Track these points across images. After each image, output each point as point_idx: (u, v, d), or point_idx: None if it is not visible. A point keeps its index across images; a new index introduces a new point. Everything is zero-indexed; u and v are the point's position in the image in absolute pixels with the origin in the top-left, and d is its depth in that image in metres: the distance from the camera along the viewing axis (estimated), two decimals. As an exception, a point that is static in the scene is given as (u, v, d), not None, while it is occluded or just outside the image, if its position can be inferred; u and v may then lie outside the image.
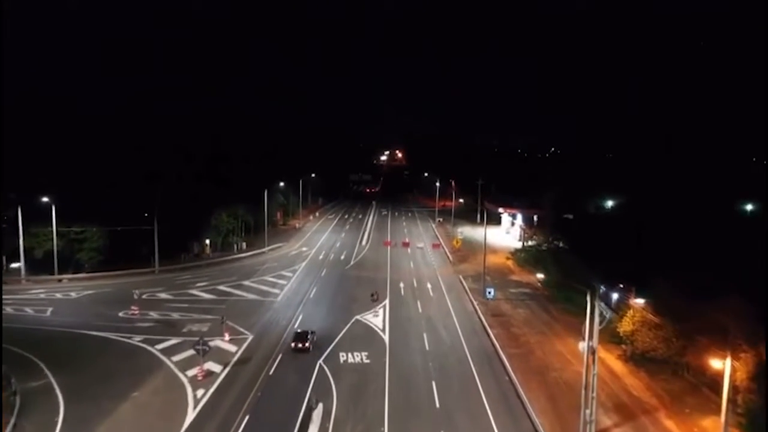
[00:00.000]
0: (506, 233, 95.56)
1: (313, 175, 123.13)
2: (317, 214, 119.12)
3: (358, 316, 47.86)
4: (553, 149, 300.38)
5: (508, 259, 70.74)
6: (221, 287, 57.67)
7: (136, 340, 41.61)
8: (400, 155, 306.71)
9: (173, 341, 41.10)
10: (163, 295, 54.70)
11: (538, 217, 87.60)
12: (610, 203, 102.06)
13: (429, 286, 59.61)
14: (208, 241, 77.71)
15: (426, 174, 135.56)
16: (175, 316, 47.93)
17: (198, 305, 51.15)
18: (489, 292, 51.35)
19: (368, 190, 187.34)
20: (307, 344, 39.80)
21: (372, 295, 47.70)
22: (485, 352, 41.13)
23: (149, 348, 39.86)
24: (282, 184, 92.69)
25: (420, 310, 50.49)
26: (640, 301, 45.00)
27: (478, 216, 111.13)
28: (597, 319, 28.59)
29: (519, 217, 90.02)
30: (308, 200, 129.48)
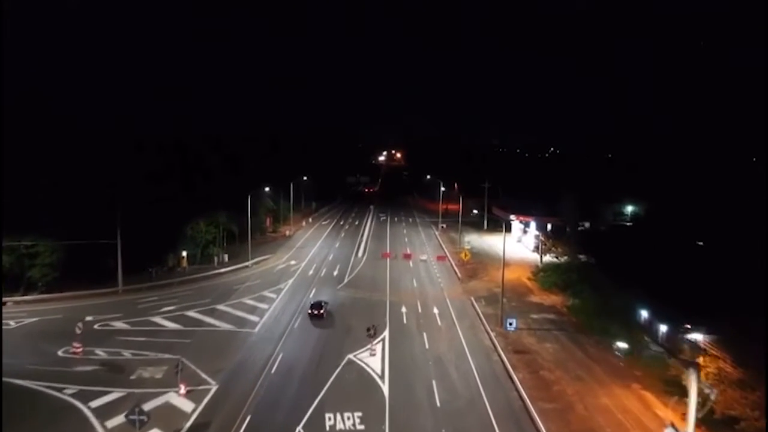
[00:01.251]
0: (517, 242, 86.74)
1: (305, 178, 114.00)
2: (310, 219, 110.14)
3: (351, 356, 38.97)
4: (552, 149, 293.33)
5: (530, 279, 61.18)
6: (191, 313, 48.77)
7: (68, 393, 32.69)
8: (399, 155, 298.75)
9: (114, 395, 32.24)
10: (118, 325, 45.78)
11: (552, 226, 78.89)
12: (630, 209, 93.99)
13: (436, 311, 50.71)
14: (184, 254, 68.79)
15: (429, 177, 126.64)
16: (126, 355, 39.03)
17: (158, 339, 42.21)
18: (510, 323, 42.60)
19: (367, 190, 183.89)
20: (321, 311, 47.92)
21: (368, 330, 38.96)
22: (511, 407, 32.36)
23: (81, 406, 30.93)
24: (267, 189, 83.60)
25: (427, 346, 41.59)
26: (697, 337, 36.49)
27: (485, 222, 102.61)
28: (694, 401, 19.84)
29: (533, 225, 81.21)
30: (301, 204, 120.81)
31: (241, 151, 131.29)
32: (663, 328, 41.26)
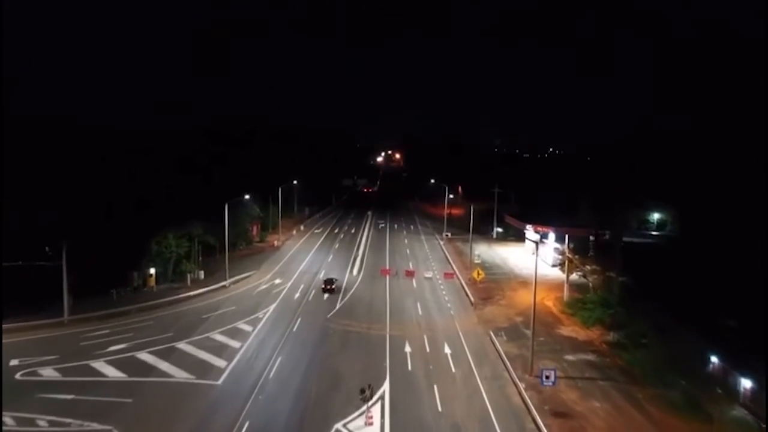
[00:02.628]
0: (532, 254, 77.09)
1: (294, 182, 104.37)
2: (302, 227, 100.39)
3: (339, 426, 29.42)
4: (551, 149, 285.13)
5: (563, 312, 50.51)
6: (142, 355, 39.15)
7: (-62, 495, 23.22)
8: (398, 156, 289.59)
9: (1, 500, 22.76)
10: (47, 373, 36.17)
11: (571, 237, 69.19)
12: (656, 217, 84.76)
13: (448, 351, 41.04)
14: (152, 271, 59.30)
15: (432, 180, 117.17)
16: (41, 423, 29.39)
17: (91, 396, 32.57)
18: (546, 377, 33.08)
19: (366, 190, 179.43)
20: (332, 286, 55.48)
21: (362, 391, 29.39)
22: None
23: None
24: (247, 197, 74.03)
25: (439, 408, 31.95)
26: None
27: (494, 231, 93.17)
28: None
29: (551, 236, 71.75)
30: (294, 209, 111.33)
31: (228, 152, 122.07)
32: (746, 383, 31.90)
